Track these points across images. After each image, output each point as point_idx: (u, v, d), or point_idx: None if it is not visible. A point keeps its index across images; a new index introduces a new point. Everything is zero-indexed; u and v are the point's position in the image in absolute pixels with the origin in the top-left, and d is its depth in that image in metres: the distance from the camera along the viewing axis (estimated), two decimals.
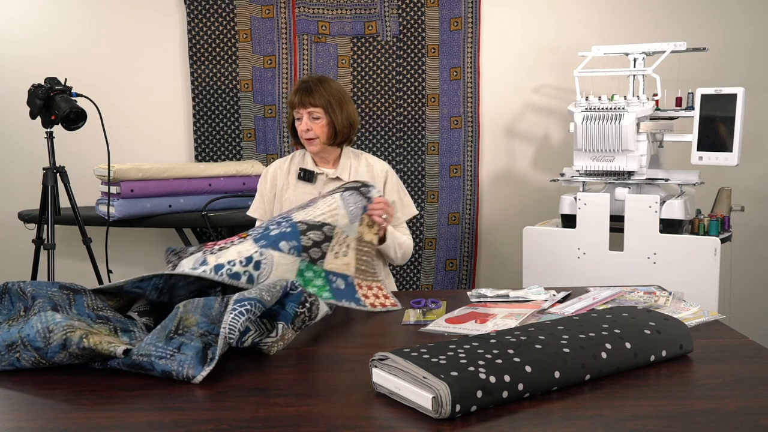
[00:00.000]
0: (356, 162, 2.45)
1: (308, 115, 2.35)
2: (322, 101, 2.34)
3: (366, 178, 2.39)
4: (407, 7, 3.74)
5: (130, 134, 3.73)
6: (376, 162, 2.47)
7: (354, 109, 2.44)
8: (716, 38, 3.51)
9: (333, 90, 2.38)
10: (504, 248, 3.86)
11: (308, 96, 2.35)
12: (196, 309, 1.54)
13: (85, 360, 1.50)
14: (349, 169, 2.43)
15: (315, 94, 2.34)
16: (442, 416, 1.21)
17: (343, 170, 2.42)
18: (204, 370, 1.43)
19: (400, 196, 2.45)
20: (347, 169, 2.43)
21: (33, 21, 3.71)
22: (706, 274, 2.87)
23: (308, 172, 2.41)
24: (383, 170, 2.45)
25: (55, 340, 1.47)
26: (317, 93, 2.34)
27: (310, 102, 2.34)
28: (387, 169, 2.46)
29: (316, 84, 2.37)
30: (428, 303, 2.02)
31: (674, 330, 1.53)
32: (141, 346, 1.47)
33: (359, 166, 2.44)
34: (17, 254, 3.64)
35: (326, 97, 2.35)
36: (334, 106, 2.36)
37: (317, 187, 2.41)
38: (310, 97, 2.34)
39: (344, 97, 2.40)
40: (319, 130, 2.36)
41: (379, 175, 2.43)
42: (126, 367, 1.48)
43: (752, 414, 1.24)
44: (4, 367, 1.51)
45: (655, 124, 3.08)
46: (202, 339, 1.48)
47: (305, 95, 2.35)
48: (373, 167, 2.45)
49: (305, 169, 2.41)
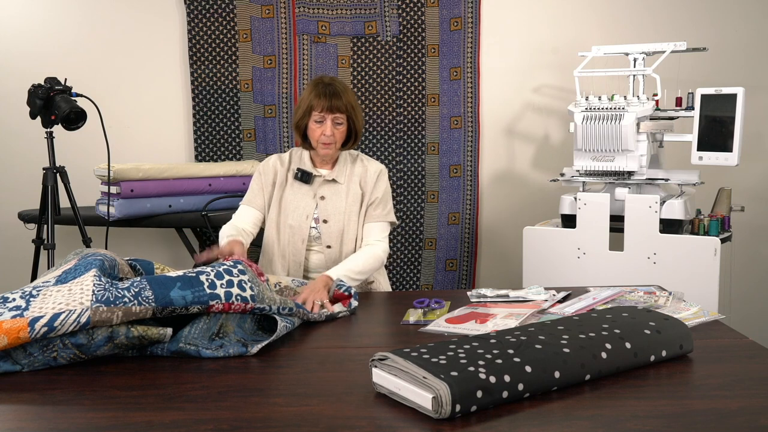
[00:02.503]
0: (352, 164, 2.45)
1: (332, 121, 2.31)
2: (347, 107, 2.32)
3: (360, 178, 2.41)
4: (407, 7, 3.74)
5: (130, 134, 3.73)
6: (371, 163, 2.46)
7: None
8: (716, 38, 3.51)
9: (351, 94, 2.37)
10: (504, 248, 3.86)
11: (337, 100, 2.30)
12: (233, 320, 1.68)
13: (129, 348, 1.59)
14: (345, 172, 2.42)
15: (341, 99, 2.31)
16: (442, 416, 1.21)
17: (339, 173, 2.42)
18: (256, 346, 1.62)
19: (385, 199, 2.43)
20: (344, 172, 2.42)
21: (33, 21, 3.71)
22: (706, 274, 2.87)
23: (305, 173, 2.40)
24: (377, 170, 2.44)
25: (100, 335, 1.51)
26: (344, 98, 2.31)
27: (337, 107, 2.30)
28: (381, 169, 2.45)
29: (340, 90, 2.33)
30: (431, 303, 2.02)
31: (674, 330, 1.53)
32: (188, 336, 1.61)
33: (355, 167, 2.44)
34: (17, 254, 3.64)
35: (350, 102, 2.34)
36: (356, 110, 2.35)
37: (313, 188, 2.40)
38: (337, 102, 2.30)
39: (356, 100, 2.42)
40: (339, 136, 2.34)
41: (372, 174, 2.42)
42: (170, 353, 1.59)
43: (752, 414, 1.24)
44: (37, 368, 1.52)
45: (655, 124, 3.08)
46: (239, 343, 1.64)
47: (335, 99, 2.30)
48: (368, 168, 2.44)
49: (303, 170, 2.40)
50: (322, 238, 2.38)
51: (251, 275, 1.73)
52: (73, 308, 1.49)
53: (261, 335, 1.73)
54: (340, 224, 2.37)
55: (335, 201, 2.39)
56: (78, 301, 1.51)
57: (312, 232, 2.39)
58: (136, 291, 1.57)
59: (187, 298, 1.59)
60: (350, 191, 2.40)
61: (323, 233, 2.38)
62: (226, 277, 1.66)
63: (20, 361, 1.51)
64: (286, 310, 1.75)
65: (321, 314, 1.90)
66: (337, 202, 2.39)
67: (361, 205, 2.40)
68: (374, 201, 2.41)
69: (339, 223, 2.37)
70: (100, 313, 1.50)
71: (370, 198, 2.41)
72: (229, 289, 1.65)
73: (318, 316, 1.88)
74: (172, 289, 1.59)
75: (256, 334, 1.73)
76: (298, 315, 1.80)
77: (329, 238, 2.37)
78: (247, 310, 1.67)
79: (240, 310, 1.67)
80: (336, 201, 2.39)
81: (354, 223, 2.39)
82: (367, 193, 2.41)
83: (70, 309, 1.49)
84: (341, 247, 2.38)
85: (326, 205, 2.38)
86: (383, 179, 2.44)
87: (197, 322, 1.64)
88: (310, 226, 2.38)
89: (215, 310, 1.63)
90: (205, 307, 1.62)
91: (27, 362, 1.51)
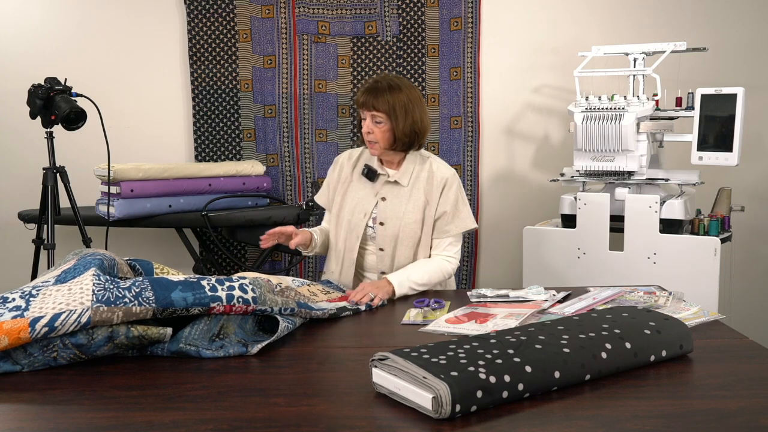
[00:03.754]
0: (419, 167, 2.35)
1: (371, 118, 2.28)
2: (385, 107, 2.26)
3: (426, 184, 2.33)
4: (407, 7, 3.74)
5: (130, 134, 3.73)
6: (439, 169, 2.35)
7: (423, 116, 2.32)
8: (716, 38, 3.51)
9: (401, 97, 2.27)
10: (504, 248, 3.86)
11: (373, 99, 2.27)
12: (234, 321, 1.69)
13: (128, 348, 1.58)
14: (410, 174, 2.34)
15: (380, 98, 2.26)
16: (442, 416, 1.21)
17: (403, 174, 2.34)
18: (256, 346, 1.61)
19: (458, 207, 2.33)
20: (408, 174, 2.34)
21: (33, 21, 3.71)
22: (706, 274, 2.87)
23: (371, 171, 2.36)
24: (443, 179, 2.32)
25: (100, 335, 1.51)
26: (382, 98, 2.26)
27: (374, 105, 2.27)
28: (447, 178, 2.33)
29: (386, 88, 2.28)
30: (431, 303, 2.02)
31: (674, 330, 1.53)
32: (188, 337, 1.60)
33: (422, 171, 2.35)
34: (17, 254, 3.65)
35: (391, 103, 2.26)
36: (398, 113, 2.26)
37: (376, 187, 2.36)
38: (374, 100, 2.27)
39: (413, 105, 2.29)
40: (379, 135, 2.28)
41: (438, 183, 2.32)
42: (170, 353, 1.59)
43: (752, 414, 1.24)
44: (37, 368, 1.52)
45: (655, 124, 3.08)
46: (239, 343, 1.64)
47: (370, 97, 2.27)
48: (434, 174, 2.33)
49: (370, 167, 2.37)
50: (377, 240, 2.34)
51: (253, 279, 1.74)
52: (73, 308, 1.49)
53: (262, 335, 1.73)
54: (395, 229, 2.31)
55: (395, 204, 2.33)
56: (78, 301, 1.51)
57: (369, 232, 2.36)
58: (137, 291, 1.57)
59: (188, 299, 1.59)
60: (412, 196, 2.33)
61: (378, 235, 2.33)
62: (227, 283, 1.67)
63: (20, 361, 1.51)
64: (288, 311, 1.74)
65: (325, 311, 1.89)
66: (397, 205, 2.33)
67: (424, 212, 2.32)
68: (442, 215, 2.32)
69: (395, 228, 2.31)
70: (100, 313, 1.50)
71: (437, 212, 2.32)
72: (230, 291, 1.65)
73: (322, 314, 1.87)
74: (174, 291, 1.59)
75: (257, 335, 1.73)
76: (300, 315, 1.80)
77: (383, 241, 2.33)
78: (248, 312, 1.67)
79: (241, 312, 1.67)
80: (396, 204, 2.33)
81: (410, 230, 2.31)
82: (432, 204, 2.32)
83: (71, 309, 1.49)
84: (394, 252, 2.32)
85: (386, 206, 2.33)
86: (451, 189, 2.32)
87: (198, 323, 1.64)
88: (366, 225, 2.35)
89: (216, 312, 1.63)
90: (206, 309, 1.62)
91: (27, 362, 1.51)
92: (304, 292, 2.07)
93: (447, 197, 2.32)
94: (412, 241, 2.32)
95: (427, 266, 2.28)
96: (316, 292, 2.12)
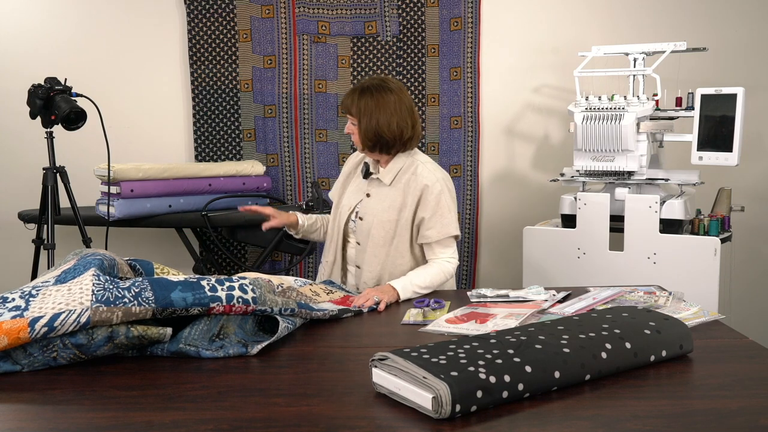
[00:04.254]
0: (405, 169, 2.35)
1: (350, 120, 2.36)
2: (354, 110, 2.31)
3: (405, 186, 2.33)
4: (407, 7, 3.74)
5: (130, 134, 3.73)
6: (422, 174, 2.32)
7: (393, 120, 2.27)
8: (716, 38, 3.51)
9: (368, 100, 2.29)
10: (504, 248, 3.86)
11: (347, 101, 2.35)
12: (234, 321, 1.68)
13: (128, 348, 1.58)
14: (394, 175, 2.35)
15: (350, 101, 2.33)
16: (442, 416, 1.21)
17: (386, 174, 2.36)
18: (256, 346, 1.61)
19: (440, 213, 2.29)
20: (392, 174, 2.35)
21: (33, 21, 3.71)
22: (706, 274, 2.87)
23: (367, 168, 2.43)
24: (423, 185, 2.30)
25: (100, 335, 1.51)
26: (351, 101, 2.32)
27: (346, 107, 2.35)
28: (428, 184, 2.29)
29: (358, 91, 2.32)
30: (431, 303, 2.02)
31: (674, 330, 1.53)
32: (188, 337, 1.60)
33: (405, 173, 2.34)
34: (17, 254, 3.64)
35: (358, 106, 2.30)
36: (363, 116, 2.29)
37: (366, 184, 2.43)
38: (346, 102, 2.35)
39: (380, 109, 2.27)
40: (355, 136, 2.35)
41: (417, 188, 2.31)
42: (169, 353, 1.59)
43: (752, 414, 1.24)
44: (37, 368, 1.52)
45: (655, 124, 3.08)
46: (239, 344, 1.64)
47: (346, 99, 2.35)
48: (416, 178, 2.32)
49: (367, 165, 2.44)
50: (357, 234, 2.40)
51: (253, 279, 1.74)
52: (73, 308, 1.49)
53: (262, 336, 1.72)
54: (369, 225, 2.35)
55: (374, 201, 2.37)
56: (78, 301, 1.51)
57: (351, 225, 2.43)
58: (136, 291, 1.57)
59: (188, 299, 1.59)
60: (390, 196, 2.35)
61: (357, 229, 2.40)
62: (227, 284, 1.67)
63: (20, 361, 1.51)
64: (288, 311, 1.74)
65: (326, 312, 1.89)
66: (376, 203, 2.36)
67: (399, 213, 2.32)
68: (421, 221, 2.31)
69: (368, 224, 2.35)
70: (100, 313, 1.50)
71: (416, 217, 2.32)
72: (230, 292, 1.65)
73: (322, 315, 1.87)
74: (173, 291, 1.59)
75: (257, 335, 1.73)
76: (301, 315, 1.80)
77: (360, 235, 2.39)
78: (248, 312, 1.67)
79: (241, 312, 1.67)
80: (375, 202, 2.37)
81: (382, 228, 2.32)
82: (408, 207, 2.31)
83: (70, 309, 1.49)
84: (366, 248, 2.36)
85: (368, 202, 2.38)
86: (431, 195, 2.29)
87: (197, 323, 1.64)
88: (349, 218, 2.42)
89: (216, 312, 1.63)
90: (206, 309, 1.62)
91: (27, 362, 1.51)
92: (306, 292, 2.07)
93: (426, 203, 2.30)
94: (382, 240, 2.34)
95: (427, 269, 2.30)
96: (318, 292, 2.12)
